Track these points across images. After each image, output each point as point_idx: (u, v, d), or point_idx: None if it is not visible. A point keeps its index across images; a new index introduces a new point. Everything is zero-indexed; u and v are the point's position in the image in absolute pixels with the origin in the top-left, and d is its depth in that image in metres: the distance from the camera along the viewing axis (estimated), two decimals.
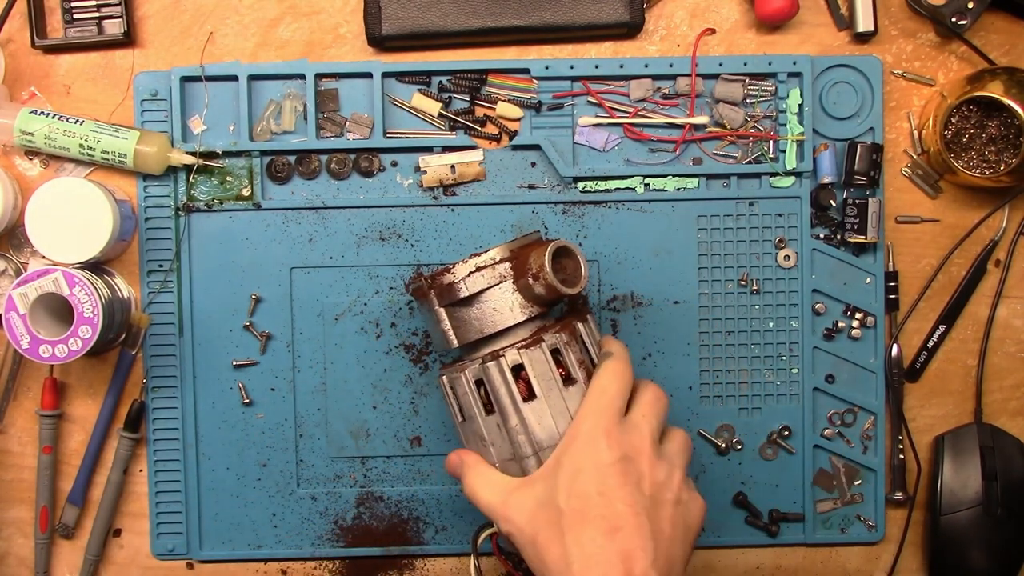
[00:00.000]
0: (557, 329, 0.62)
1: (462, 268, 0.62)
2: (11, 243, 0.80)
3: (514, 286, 0.62)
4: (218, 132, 0.80)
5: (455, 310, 0.63)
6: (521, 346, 0.61)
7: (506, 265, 0.62)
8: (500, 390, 0.61)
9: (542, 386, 0.61)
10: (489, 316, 0.62)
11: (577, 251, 0.62)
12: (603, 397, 0.60)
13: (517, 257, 0.62)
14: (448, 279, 0.62)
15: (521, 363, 0.61)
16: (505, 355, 0.61)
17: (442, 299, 0.63)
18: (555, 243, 0.60)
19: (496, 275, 0.62)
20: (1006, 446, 0.81)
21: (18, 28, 0.80)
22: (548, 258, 0.59)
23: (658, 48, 0.82)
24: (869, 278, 0.81)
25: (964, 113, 0.78)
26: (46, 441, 0.80)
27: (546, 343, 0.61)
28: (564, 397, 0.61)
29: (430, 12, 0.79)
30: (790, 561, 0.83)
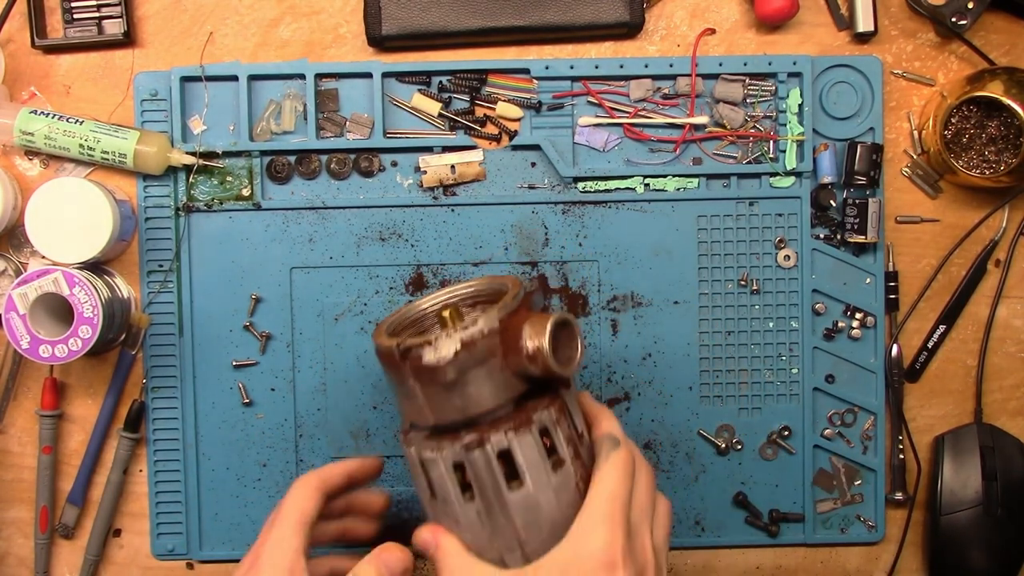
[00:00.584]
0: (546, 404, 0.54)
1: (446, 345, 0.52)
2: (11, 243, 0.80)
3: (503, 362, 0.53)
4: (218, 132, 0.80)
5: (431, 389, 0.54)
6: (509, 429, 0.53)
7: (496, 339, 0.53)
8: (485, 480, 0.53)
9: (531, 475, 0.53)
10: (473, 397, 0.53)
11: (575, 324, 0.54)
12: (614, 503, 0.53)
13: (507, 329, 0.53)
14: (429, 358, 0.52)
15: (508, 448, 0.53)
16: (491, 440, 0.53)
17: (418, 377, 0.53)
18: (554, 319, 0.52)
19: (486, 352, 0.53)
20: (1006, 446, 0.81)
21: (18, 28, 0.80)
22: (548, 339, 0.52)
23: (658, 48, 0.82)
24: (869, 278, 0.81)
25: (964, 113, 0.78)
26: (46, 441, 0.80)
27: (536, 424, 0.53)
28: (552, 484, 0.54)
29: (430, 12, 0.79)
30: (790, 561, 0.83)
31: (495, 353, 0.53)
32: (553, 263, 0.81)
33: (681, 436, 0.82)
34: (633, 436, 0.81)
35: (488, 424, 0.53)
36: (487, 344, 0.52)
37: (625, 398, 0.81)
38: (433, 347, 0.52)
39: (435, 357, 0.52)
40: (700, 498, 0.82)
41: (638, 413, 0.81)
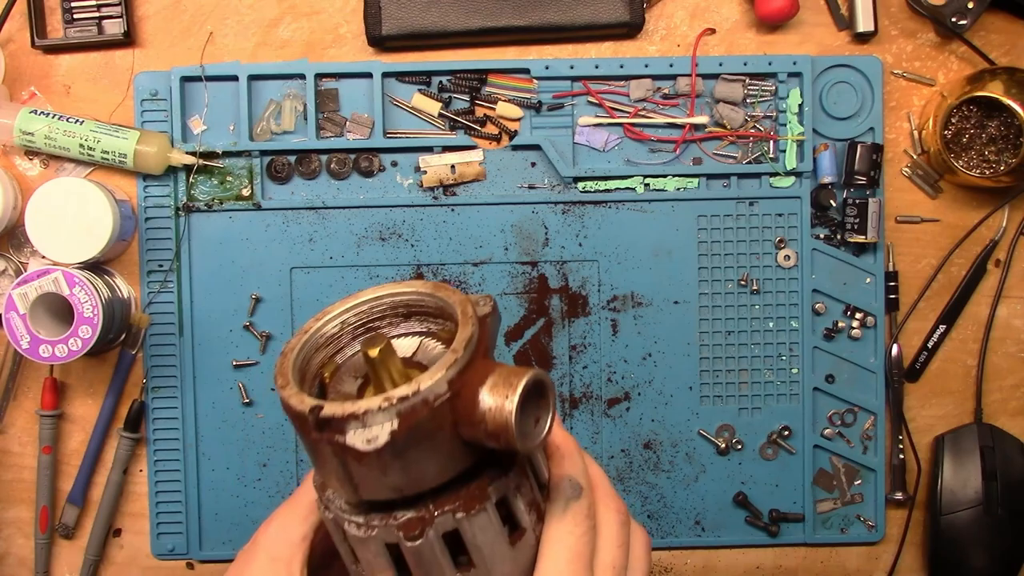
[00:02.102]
0: (505, 469, 0.42)
1: (378, 420, 0.38)
2: (11, 243, 0.80)
3: (452, 433, 0.40)
4: (218, 132, 0.80)
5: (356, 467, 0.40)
6: (458, 509, 0.41)
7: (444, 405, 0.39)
8: (427, 566, 0.41)
9: (486, 554, 0.42)
10: (412, 475, 0.40)
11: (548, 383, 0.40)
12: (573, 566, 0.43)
13: (460, 392, 0.39)
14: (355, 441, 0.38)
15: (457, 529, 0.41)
16: (435, 523, 0.40)
17: (341, 457, 0.39)
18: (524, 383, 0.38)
19: (431, 425, 0.39)
20: (1006, 446, 0.81)
21: (18, 28, 0.80)
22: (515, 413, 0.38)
23: (658, 48, 0.82)
24: (869, 278, 0.81)
25: (964, 113, 0.78)
26: (46, 441, 0.80)
27: (492, 499, 0.41)
28: (510, 557, 0.43)
29: (430, 12, 0.79)
30: (790, 561, 0.83)
31: (442, 426, 0.39)
32: (553, 263, 0.81)
33: (681, 436, 0.82)
34: (633, 436, 0.81)
35: (431, 500, 0.41)
36: (433, 415, 0.39)
37: (625, 398, 0.81)
38: (361, 421, 0.38)
39: (363, 439, 0.38)
40: (700, 498, 0.82)
41: (638, 413, 0.81)
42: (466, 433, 0.40)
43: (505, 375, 0.39)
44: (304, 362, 0.46)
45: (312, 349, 0.47)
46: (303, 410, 0.40)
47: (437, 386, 0.38)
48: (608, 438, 0.81)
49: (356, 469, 0.40)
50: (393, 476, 0.40)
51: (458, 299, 0.43)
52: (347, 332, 0.48)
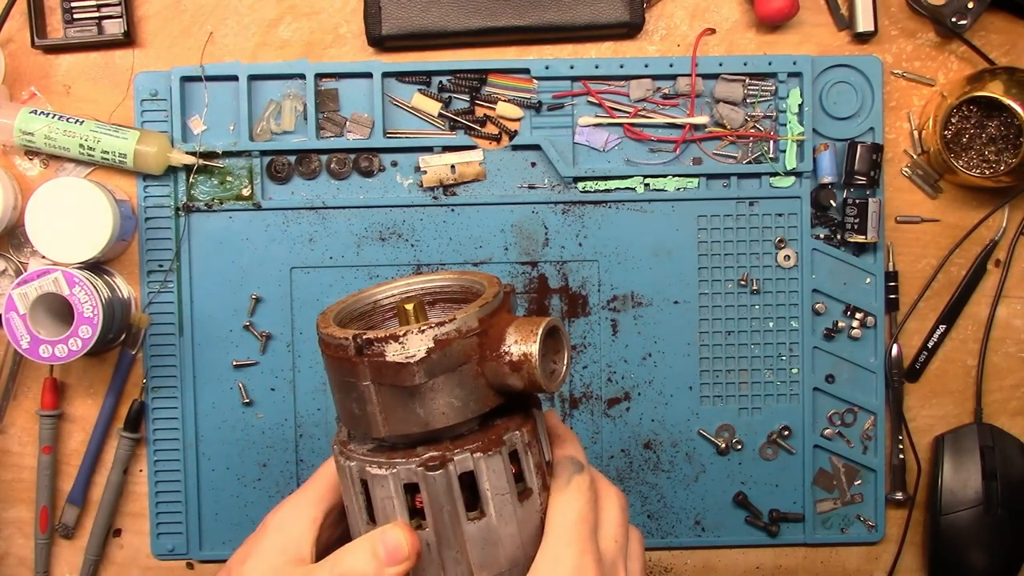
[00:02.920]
0: (518, 425, 0.47)
1: (416, 341, 0.43)
2: (11, 243, 0.80)
3: (478, 368, 0.45)
4: (218, 132, 0.80)
5: (390, 393, 0.45)
6: (476, 449, 0.45)
7: (474, 340, 0.44)
8: (442, 506, 0.45)
9: (495, 504, 0.45)
10: (438, 408, 0.44)
11: (564, 332, 0.47)
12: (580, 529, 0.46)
13: (487, 331, 0.45)
14: (394, 355, 0.43)
15: (472, 471, 0.45)
16: (455, 460, 0.44)
17: (378, 377, 0.44)
18: (545, 324, 0.45)
19: (462, 354, 0.44)
20: (1006, 446, 0.81)
21: (18, 28, 0.80)
22: (538, 346, 0.44)
23: (658, 48, 0.82)
24: (869, 278, 0.81)
25: (964, 113, 0.78)
26: (46, 441, 0.80)
27: (506, 447, 0.46)
28: (516, 516, 0.46)
29: (430, 12, 0.79)
30: (790, 561, 0.83)
31: (471, 358, 0.44)
32: (553, 263, 0.81)
33: (681, 436, 0.82)
34: (633, 436, 0.81)
35: (450, 441, 0.45)
36: (463, 346, 0.44)
37: (625, 398, 0.81)
38: (401, 342, 0.43)
39: (402, 354, 0.43)
40: (700, 498, 0.82)
41: (638, 413, 0.81)
42: (491, 371, 0.45)
43: (527, 320, 0.45)
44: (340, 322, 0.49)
45: (348, 318, 0.51)
46: (346, 336, 0.44)
47: (469, 319, 0.44)
48: (608, 438, 0.81)
49: (388, 396, 0.44)
50: (419, 407, 0.44)
51: (485, 276, 0.50)
52: (379, 312, 0.52)
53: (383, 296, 0.52)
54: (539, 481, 0.47)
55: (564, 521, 0.46)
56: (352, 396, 0.45)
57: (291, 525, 0.49)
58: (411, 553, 0.44)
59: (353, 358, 0.44)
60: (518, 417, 0.47)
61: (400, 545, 0.44)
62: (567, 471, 0.48)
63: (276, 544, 0.48)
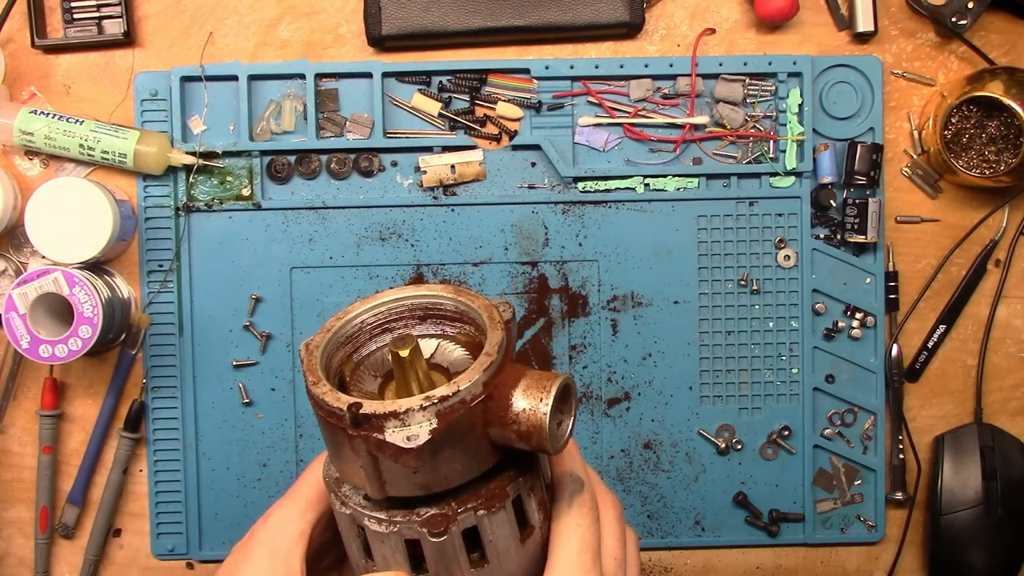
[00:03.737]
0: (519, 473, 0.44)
1: (418, 417, 0.39)
2: (11, 243, 0.80)
3: (483, 433, 0.42)
4: (218, 132, 0.80)
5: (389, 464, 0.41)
6: (480, 507, 0.42)
7: (478, 408, 0.41)
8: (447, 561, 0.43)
9: (500, 550, 0.44)
10: (440, 474, 0.41)
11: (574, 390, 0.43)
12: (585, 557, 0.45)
13: (493, 394, 0.41)
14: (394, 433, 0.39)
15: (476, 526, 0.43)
16: (458, 520, 0.42)
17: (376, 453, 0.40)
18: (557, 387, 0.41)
19: (466, 425, 0.41)
20: (1006, 446, 0.81)
21: (18, 28, 0.80)
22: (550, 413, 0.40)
23: (658, 48, 0.82)
24: (869, 278, 0.81)
25: (964, 113, 0.78)
26: (46, 441, 0.80)
27: (510, 498, 0.43)
28: (519, 555, 0.45)
29: (430, 12, 0.79)
30: (790, 561, 0.83)
31: (476, 426, 0.41)
32: (553, 263, 0.81)
33: (681, 436, 0.82)
34: (633, 436, 0.81)
35: (452, 499, 0.43)
36: (468, 415, 0.40)
37: (625, 398, 0.81)
38: (401, 420, 0.39)
39: (403, 434, 0.39)
40: (700, 498, 0.82)
41: (638, 413, 0.81)
42: (496, 434, 0.42)
43: (537, 379, 0.41)
44: (327, 360, 0.47)
45: (334, 347, 0.48)
46: (339, 407, 0.40)
47: (474, 387, 0.40)
48: (608, 438, 0.81)
49: (388, 466, 0.41)
50: (423, 474, 0.41)
51: (482, 303, 0.45)
52: (365, 332, 0.49)
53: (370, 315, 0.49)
54: (541, 515, 0.46)
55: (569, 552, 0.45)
56: (347, 458, 0.42)
57: (279, 539, 0.48)
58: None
59: (349, 430, 0.40)
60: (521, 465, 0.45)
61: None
62: (568, 491, 0.47)
63: (265, 559, 0.48)
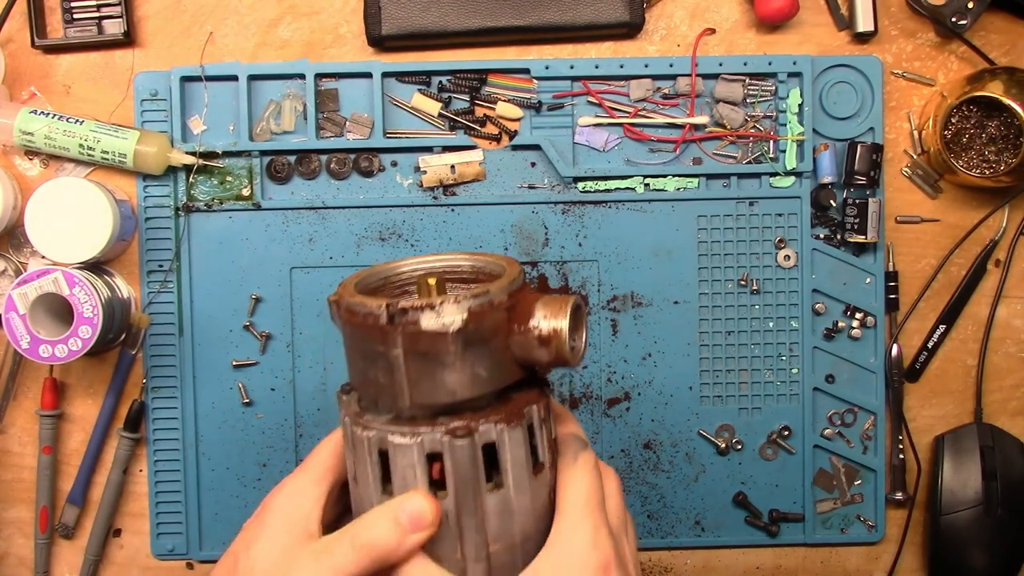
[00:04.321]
0: (535, 399, 0.47)
1: (452, 310, 0.44)
2: (11, 243, 0.80)
3: (506, 341, 0.46)
4: (218, 132, 0.80)
5: (420, 363, 0.45)
6: (499, 420, 0.45)
7: (504, 314, 0.46)
8: (465, 475, 0.45)
9: (514, 475, 0.46)
10: (466, 378, 0.45)
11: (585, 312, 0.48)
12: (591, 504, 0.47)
13: (516, 306, 0.46)
14: (430, 324, 0.43)
15: (494, 442, 0.46)
16: (479, 430, 0.45)
17: (412, 346, 0.44)
18: (572, 302, 0.46)
19: (492, 327, 0.45)
20: (1006, 446, 0.81)
21: (18, 28, 0.80)
22: (568, 321, 0.45)
23: (658, 48, 0.82)
24: (869, 278, 0.81)
25: (964, 113, 0.78)
26: (46, 441, 0.80)
27: (526, 420, 0.47)
28: (531, 489, 0.47)
29: (430, 12, 0.79)
30: (790, 561, 0.83)
31: (500, 332, 0.45)
32: (553, 263, 0.81)
33: (681, 436, 0.82)
34: (633, 436, 0.81)
35: (471, 413, 0.46)
36: (495, 319, 0.45)
37: (625, 398, 0.81)
38: (436, 311, 0.43)
39: (438, 323, 0.43)
40: (700, 498, 0.82)
41: (638, 413, 0.81)
42: (518, 344, 0.46)
43: (552, 298, 0.46)
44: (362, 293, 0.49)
45: (364, 291, 0.50)
46: (378, 305, 0.44)
47: (501, 293, 0.45)
48: (608, 438, 0.81)
49: (418, 365, 0.45)
50: (448, 377, 0.45)
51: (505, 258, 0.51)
52: (390, 288, 0.52)
53: (395, 272, 0.52)
54: (550, 457, 0.48)
55: (578, 496, 0.47)
56: (378, 365, 0.45)
57: (296, 504, 0.48)
58: (433, 520, 0.45)
59: (385, 327, 0.44)
60: (534, 392, 0.48)
61: (423, 512, 0.45)
62: (573, 448, 0.49)
63: (283, 524, 0.47)
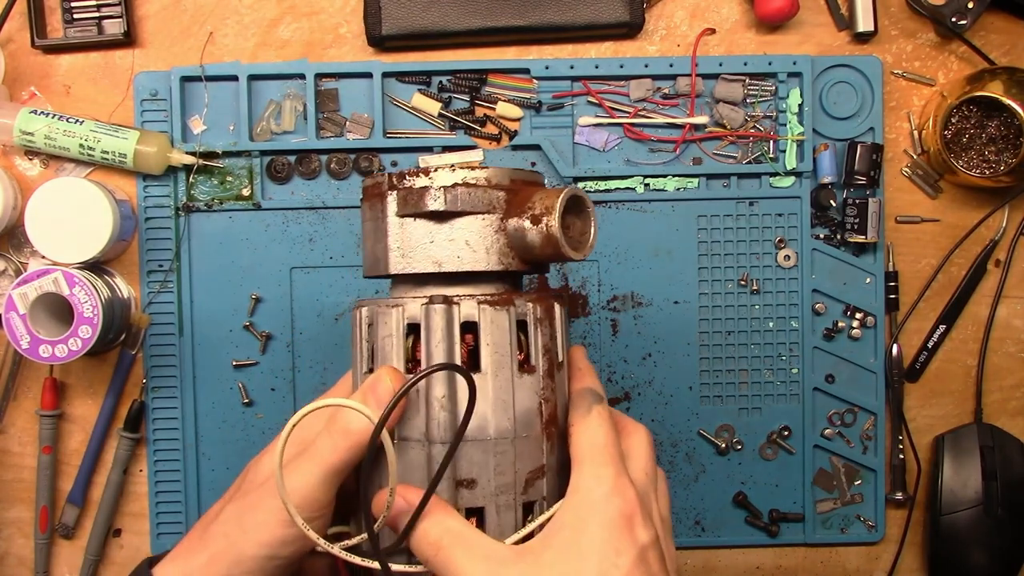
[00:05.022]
0: (532, 298, 0.48)
1: (444, 175, 0.47)
2: (11, 243, 0.80)
3: (501, 223, 0.47)
4: (218, 132, 0.80)
5: (411, 226, 0.47)
6: (483, 301, 0.46)
7: (500, 194, 0.47)
8: (439, 345, 0.45)
9: (493, 362, 0.46)
10: (454, 248, 0.47)
11: (590, 207, 0.48)
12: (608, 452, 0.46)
13: (517, 191, 0.48)
14: (421, 183, 0.47)
15: (476, 321, 0.46)
16: (460, 304, 0.46)
17: (403, 206, 0.47)
18: (571, 189, 0.46)
19: (485, 201, 0.47)
20: (1006, 446, 0.81)
21: (18, 28, 0.80)
22: (561, 203, 0.45)
23: (658, 48, 0.82)
24: (869, 278, 0.81)
25: (964, 113, 0.78)
26: (46, 441, 0.80)
27: (516, 308, 0.47)
28: (513, 385, 0.46)
29: (430, 12, 0.79)
30: (790, 561, 0.83)
31: (495, 209, 0.47)
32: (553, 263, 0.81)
33: (681, 436, 0.82)
34: None
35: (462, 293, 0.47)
36: (490, 196, 0.47)
37: (625, 398, 0.81)
38: (431, 177, 0.47)
39: (428, 182, 0.47)
40: (700, 498, 0.82)
41: (638, 413, 0.81)
42: (514, 226, 0.46)
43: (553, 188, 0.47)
44: None
45: None
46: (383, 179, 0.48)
47: (502, 176, 0.47)
48: None
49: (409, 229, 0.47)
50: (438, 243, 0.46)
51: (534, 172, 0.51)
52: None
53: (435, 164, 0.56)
54: (545, 364, 0.47)
55: (594, 444, 0.46)
56: (377, 235, 0.48)
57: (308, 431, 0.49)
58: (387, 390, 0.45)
59: (385, 191, 0.47)
60: (535, 295, 0.48)
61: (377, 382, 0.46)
62: (586, 401, 0.48)
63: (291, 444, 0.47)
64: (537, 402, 0.47)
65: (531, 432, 0.47)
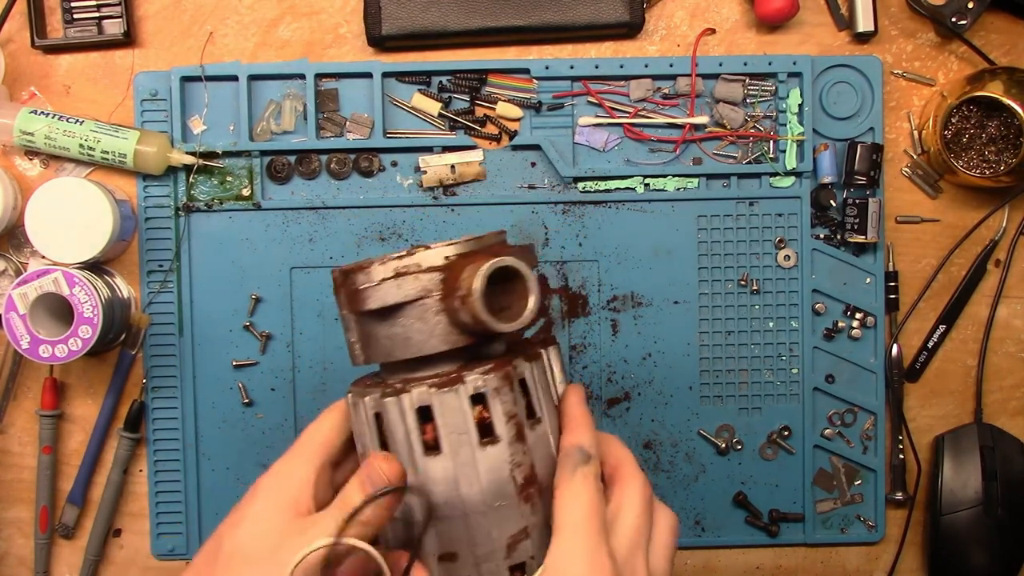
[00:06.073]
0: (486, 370, 0.47)
1: (379, 270, 0.47)
2: (11, 243, 0.80)
3: (440, 305, 0.47)
4: (218, 132, 0.80)
5: (363, 320, 0.49)
6: (434, 384, 0.47)
7: (435, 276, 0.47)
8: (397, 434, 0.47)
9: (449, 442, 0.46)
10: (402, 337, 0.47)
11: (526, 274, 0.47)
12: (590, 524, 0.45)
13: (451, 269, 0.47)
14: (359, 281, 0.48)
15: (429, 405, 0.47)
16: (411, 392, 0.47)
17: (350, 305, 0.49)
18: (495, 262, 0.45)
19: (419, 287, 0.47)
20: (1006, 446, 0.81)
21: (18, 28, 0.80)
22: (481, 281, 0.44)
23: (658, 48, 0.82)
24: (869, 278, 0.81)
25: (964, 113, 0.78)
26: (46, 441, 0.80)
27: (466, 386, 0.46)
28: (476, 459, 0.46)
29: (430, 12, 0.79)
30: (790, 561, 0.83)
31: (431, 293, 0.47)
32: (553, 263, 0.81)
33: (681, 436, 0.82)
34: (633, 436, 0.81)
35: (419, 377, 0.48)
36: (424, 281, 0.47)
37: (625, 398, 0.81)
38: (367, 272, 0.47)
39: (368, 281, 0.47)
40: (700, 498, 0.82)
41: (638, 413, 0.81)
42: (448, 307, 0.46)
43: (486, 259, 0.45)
44: None
45: None
46: (335, 273, 0.50)
47: (434, 257, 0.47)
48: None
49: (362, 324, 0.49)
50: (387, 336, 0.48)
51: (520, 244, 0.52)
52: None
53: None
54: (512, 430, 0.47)
55: (573, 515, 0.45)
56: (345, 327, 0.51)
57: (288, 483, 0.48)
58: (392, 476, 0.46)
59: (338, 290, 0.49)
60: (493, 363, 0.48)
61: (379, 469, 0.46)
62: (572, 461, 0.47)
63: (273, 502, 0.47)
64: (507, 470, 0.47)
65: (505, 500, 0.47)
